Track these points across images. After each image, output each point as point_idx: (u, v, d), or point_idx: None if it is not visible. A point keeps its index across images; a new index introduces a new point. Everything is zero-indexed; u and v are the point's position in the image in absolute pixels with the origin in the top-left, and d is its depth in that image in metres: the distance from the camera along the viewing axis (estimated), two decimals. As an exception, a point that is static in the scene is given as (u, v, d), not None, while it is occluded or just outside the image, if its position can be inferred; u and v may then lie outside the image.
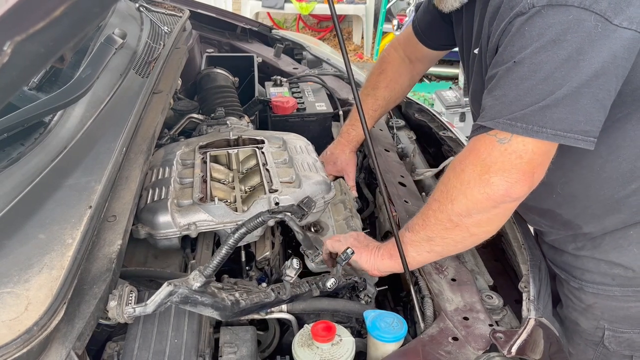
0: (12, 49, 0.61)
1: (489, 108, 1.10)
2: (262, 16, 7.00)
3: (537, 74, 1.02)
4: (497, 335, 1.13)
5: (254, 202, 1.38)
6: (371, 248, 1.32)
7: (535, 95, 1.02)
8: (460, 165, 1.13)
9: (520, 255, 1.37)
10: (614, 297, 1.35)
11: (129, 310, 1.00)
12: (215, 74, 2.27)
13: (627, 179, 1.23)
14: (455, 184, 1.13)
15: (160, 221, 1.31)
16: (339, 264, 1.36)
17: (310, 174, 1.49)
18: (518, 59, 1.03)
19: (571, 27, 0.97)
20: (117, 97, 1.53)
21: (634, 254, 1.30)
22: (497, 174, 1.07)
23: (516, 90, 1.04)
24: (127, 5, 2.07)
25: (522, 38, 1.02)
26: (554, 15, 0.98)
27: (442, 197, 1.16)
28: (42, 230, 1.04)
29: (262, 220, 1.17)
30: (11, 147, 1.25)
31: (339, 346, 1.11)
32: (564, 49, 0.98)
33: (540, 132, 1.03)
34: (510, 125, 1.05)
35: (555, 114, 1.02)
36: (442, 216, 1.16)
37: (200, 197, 1.38)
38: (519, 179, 1.07)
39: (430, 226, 1.19)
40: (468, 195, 1.11)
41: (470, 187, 1.10)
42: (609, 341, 1.39)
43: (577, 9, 0.96)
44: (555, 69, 1.00)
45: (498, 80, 1.08)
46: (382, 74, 1.78)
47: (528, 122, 1.03)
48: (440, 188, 1.18)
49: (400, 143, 2.01)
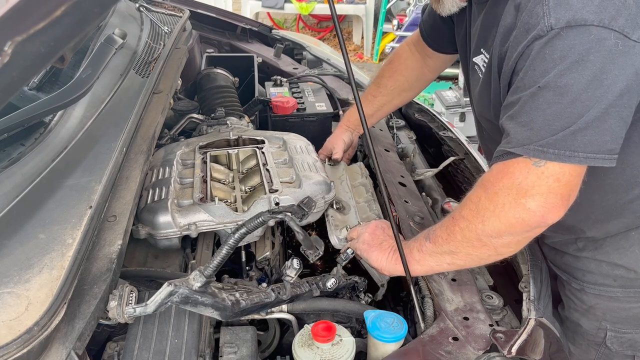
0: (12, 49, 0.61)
1: (515, 134, 1.06)
2: (262, 16, 7.00)
3: (564, 97, 0.99)
4: (497, 335, 1.13)
5: (254, 202, 1.38)
6: (384, 248, 1.30)
7: (564, 120, 1.00)
8: (494, 188, 1.09)
9: (520, 255, 1.37)
10: (616, 298, 1.35)
11: (129, 311, 1.00)
12: (215, 74, 2.27)
13: (631, 185, 1.22)
14: (488, 205, 1.10)
15: (160, 221, 1.31)
16: (339, 264, 1.36)
17: (310, 174, 1.49)
18: (542, 84, 1.00)
19: (593, 47, 0.95)
20: (117, 97, 1.53)
21: (636, 255, 1.30)
22: (535, 198, 1.04)
23: (543, 115, 1.02)
24: (127, 5, 2.07)
25: (543, 62, 1.00)
26: (574, 36, 0.96)
27: (471, 217, 1.13)
28: (43, 230, 1.04)
29: (262, 220, 1.17)
30: (11, 147, 1.25)
31: (339, 346, 1.11)
32: (588, 69, 0.96)
33: (572, 156, 1.01)
34: (542, 152, 1.02)
35: (585, 137, 1.00)
36: (470, 235, 1.14)
37: (200, 197, 1.38)
38: (556, 204, 1.05)
39: (455, 242, 1.17)
40: (502, 218, 1.08)
41: (505, 210, 1.07)
42: (611, 342, 1.39)
43: (597, 28, 0.95)
44: (582, 90, 0.98)
45: (522, 105, 1.05)
46: (388, 64, 1.79)
47: (560, 147, 1.01)
48: (469, 206, 1.14)
49: (400, 143, 2.01)
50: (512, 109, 1.08)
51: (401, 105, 1.95)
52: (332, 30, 7.34)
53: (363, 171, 1.72)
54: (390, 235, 1.32)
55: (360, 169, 1.73)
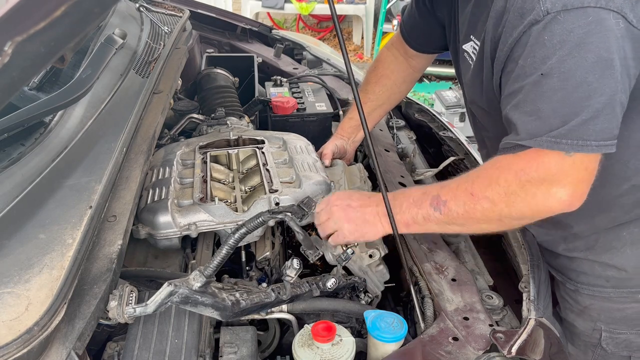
0: (12, 49, 0.61)
1: (523, 124, 1.05)
2: (262, 16, 7.00)
3: (568, 82, 0.97)
4: (497, 335, 1.12)
5: (254, 202, 1.38)
6: (365, 204, 1.28)
7: (572, 105, 0.99)
8: (526, 176, 1.06)
9: (520, 256, 1.37)
10: (610, 298, 1.35)
11: (130, 311, 1.00)
12: (215, 74, 2.27)
13: (620, 179, 1.22)
14: (519, 192, 1.07)
15: (160, 221, 1.31)
16: (338, 264, 1.36)
17: (310, 174, 1.49)
18: (545, 71, 0.99)
19: (593, 29, 0.94)
20: (117, 97, 1.53)
21: (627, 255, 1.30)
22: (566, 188, 1.04)
23: (550, 103, 1.00)
24: (127, 5, 2.07)
25: (543, 48, 0.98)
26: (572, 19, 0.95)
27: (498, 200, 1.10)
28: (43, 230, 1.04)
29: (262, 220, 1.17)
30: (11, 147, 1.25)
31: (339, 346, 1.11)
32: (590, 52, 0.95)
33: (586, 145, 1.00)
34: (555, 143, 1.01)
35: (597, 126, 0.99)
36: (492, 215, 1.13)
37: (200, 197, 1.38)
38: (584, 192, 1.06)
39: (472, 219, 1.15)
40: (532, 205, 1.08)
41: (536, 199, 1.07)
42: (607, 342, 1.39)
43: (594, 9, 0.94)
44: (587, 73, 0.96)
45: (527, 94, 1.04)
46: (373, 72, 1.79)
47: (572, 137, 0.99)
48: (495, 189, 1.10)
49: (400, 143, 2.01)
50: (515, 98, 1.06)
51: (390, 109, 1.94)
52: (332, 30, 7.33)
53: (362, 174, 1.71)
54: (362, 205, 1.29)
55: (359, 171, 1.73)
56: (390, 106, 1.86)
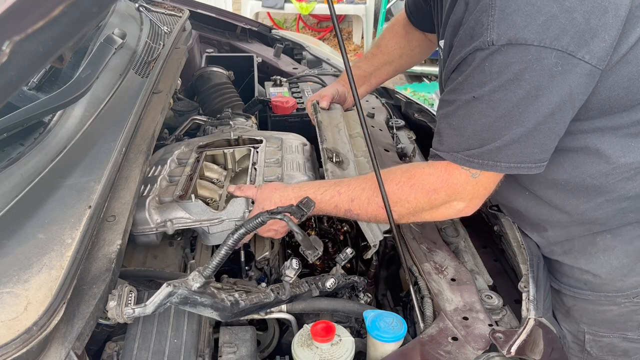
0: (11, 48, 0.61)
1: (445, 136, 1.14)
2: (262, 16, 7.00)
3: (494, 111, 1.03)
4: (496, 335, 1.13)
5: (231, 201, 1.38)
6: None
7: (491, 132, 1.06)
8: (437, 197, 1.18)
9: (520, 255, 1.37)
10: (589, 300, 1.36)
11: (129, 311, 1.00)
12: (209, 73, 2.27)
13: (592, 194, 1.22)
14: (427, 209, 1.21)
15: (136, 218, 1.30)
16: (338, 263, 1.36)
17: (294, 173, 1.50)
18: (478, 95, 1.04)
19: (529, 67, 0.97)
20: (116, 97, 1.53)
21: (600, 261, 1.30)
22: (464, 201, 1.18)
23: (474, 125, 1.07)
24: (126, 5, 2.07)
25: (482, 73, 1.03)
26: (513, 54, 0.97)
27: (406, 213, 1.23)
28: (42, 230, 1.03)
29: (261, 220, 1.17)
30: (11, 146, 1.24)
31: (338, 346, 1.11)
32: (521, 87, 0.99)
33: (495, 166, 1.09)
34: (467, 161, 1.10)
35: (510, 150, 1.06)
36: (397, 221, 1.25)
37: (179, 195, 1.38)
38: (478, 204, 1.20)
39: (366, 209, 1.25)
40: (434, 216, 1.23)
41: (439, 211, 1.21)
42: (590, 346, 1.40)
43: (536, 48, 0.96)
44: (513, 107, 1.02)
45: (457, 109, 1.10)
46: (390, 28, 1.80)
47: (484, 158, 1.08)
48: (406, 206, 1.21)
49: (400, 143, 2.01)
50: (447, 108, 1.13)
51: (399, 72, 1.92)
52: (332, 30, 7.33)
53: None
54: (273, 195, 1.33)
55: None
56: (401, 67, 1.85)
